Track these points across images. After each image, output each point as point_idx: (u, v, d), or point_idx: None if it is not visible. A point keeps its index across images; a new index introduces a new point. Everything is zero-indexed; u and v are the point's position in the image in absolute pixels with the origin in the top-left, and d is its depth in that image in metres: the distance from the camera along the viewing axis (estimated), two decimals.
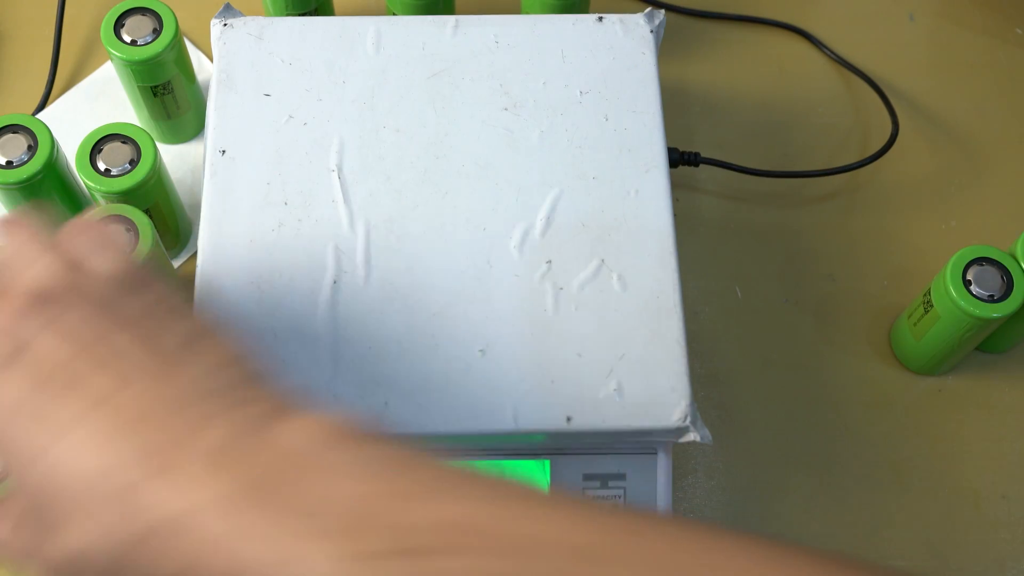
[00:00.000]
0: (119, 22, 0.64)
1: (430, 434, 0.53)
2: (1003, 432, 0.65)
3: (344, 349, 0.54)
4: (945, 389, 0.66)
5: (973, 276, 0.60)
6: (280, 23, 0.61)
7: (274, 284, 0.55)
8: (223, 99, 0.59)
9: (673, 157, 0.66)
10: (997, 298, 0.59)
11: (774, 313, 0.67)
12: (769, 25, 0.77)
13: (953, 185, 0.72)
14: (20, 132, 0.60)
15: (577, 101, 0.60)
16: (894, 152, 0.72)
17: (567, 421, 0.53)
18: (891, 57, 0.76)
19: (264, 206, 0.57)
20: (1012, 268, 0.60)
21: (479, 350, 0.54)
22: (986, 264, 0.60)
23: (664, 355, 0.55)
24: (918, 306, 0.63)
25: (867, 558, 0.62)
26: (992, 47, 0.77)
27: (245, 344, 0.44)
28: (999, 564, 0.62)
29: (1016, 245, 0.61)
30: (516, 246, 0.57)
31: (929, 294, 0.62)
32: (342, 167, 0.58)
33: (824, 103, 0.74)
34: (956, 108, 0.75)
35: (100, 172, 0.60)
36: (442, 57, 0.61)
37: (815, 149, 0.73)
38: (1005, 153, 0.73)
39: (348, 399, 0.53)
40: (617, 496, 0.56)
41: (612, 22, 0.62)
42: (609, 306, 0.55)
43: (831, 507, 0.63)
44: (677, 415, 0.54)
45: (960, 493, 0.63)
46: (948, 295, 0.60)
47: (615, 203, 0.58)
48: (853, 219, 0.70)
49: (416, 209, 0.57)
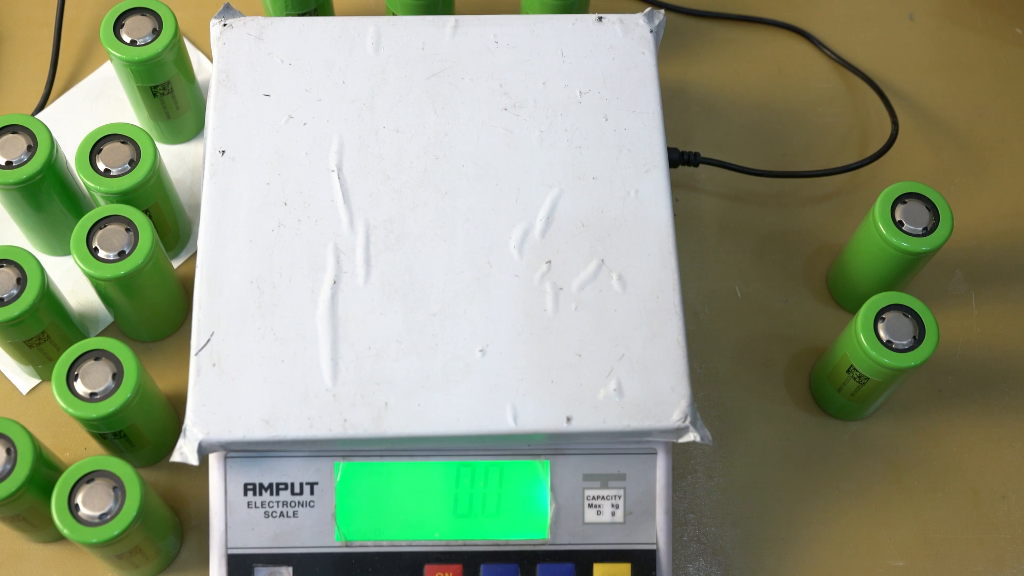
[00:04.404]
0: (119, 22, 0.64)
1: (430, 434, 0.53)
2: (1003, 432, 0.65)
3: (344, 349, 0.54)
4: (945, 390, 0.66)
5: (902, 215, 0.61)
6: (280, 23, 0.61)
7: (274, 284, 0.55)
8: (223, 99, 0.59)
9: (673, 157, 0.66)
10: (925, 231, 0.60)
11: (774, 313, 0.67)
12: (769, 25, 0.77)
13: (953, 185, 0.72)
14: (20, 132, 0.60)
15: (577, 101, 0.60)
16: (894, 152, 0.72)
17: (567, 421, 0.53)
18: (891, 57, 0.76)
19: (264, 206, 0.57)
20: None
21: (479, 350, 0.54)
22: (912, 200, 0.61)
23: (664, 355, 0.55)
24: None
25: (867, 558, 0.62)
26: (992, 47, 0.77)
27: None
28: (999, 564, 0.62)
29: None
30: (516, 246, 0.57)
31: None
32: (342, 167, 0.58)
33: (824, 103, 0.74)
34: (956, 108, 0.75)
35: (100, 172, 0.60)
36: (442, 57, 0.61)
37: (815, 149, 0.73)
38: (1005, 153, 0.73)
39: (348, 399, 0.53)
40: (617, 496, 0.56)
41: (612, 22, 0.62)
42: (609, 306, 0.55)
43: (831, 507, 0.63)
44: (677, 415, 0.54)
45: (960, 493, 0.63)
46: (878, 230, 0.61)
47: (615, 203, 0.58)
48: (853, 219, 0.70)
49: (416, 209, 0.57)
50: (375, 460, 0.55)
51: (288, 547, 0.55)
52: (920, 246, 0.60)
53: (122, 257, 0.57)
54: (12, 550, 0.60)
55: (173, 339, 0.65)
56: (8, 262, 0.57)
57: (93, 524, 0.52)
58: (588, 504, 0.56)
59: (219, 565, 0.55)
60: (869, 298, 0.59)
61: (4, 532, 0.60)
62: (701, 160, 0.67)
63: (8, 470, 0.52)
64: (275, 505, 0.55)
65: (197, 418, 0.53)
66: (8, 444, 0.53)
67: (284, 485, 0.55)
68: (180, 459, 0.52)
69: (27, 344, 0.59)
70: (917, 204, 0.61)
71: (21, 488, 0.52)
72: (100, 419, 0.54)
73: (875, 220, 0.61)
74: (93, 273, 0.57)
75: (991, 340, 0.67)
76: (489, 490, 0.55)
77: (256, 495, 0.55)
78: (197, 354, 0.54)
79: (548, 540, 0.55)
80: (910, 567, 0.62)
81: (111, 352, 0.55)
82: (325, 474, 0.55)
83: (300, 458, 0.55)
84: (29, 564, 0.60)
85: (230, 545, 0.55)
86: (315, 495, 0.55)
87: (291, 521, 0.55)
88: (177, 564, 0.60)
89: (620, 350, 0.55)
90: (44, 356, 0.61)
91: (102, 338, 0.55)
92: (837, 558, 0.61)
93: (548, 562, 0.55)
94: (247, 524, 0.55)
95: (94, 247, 0.57)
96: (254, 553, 0.55)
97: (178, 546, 0.60)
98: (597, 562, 0.55)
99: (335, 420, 0.53)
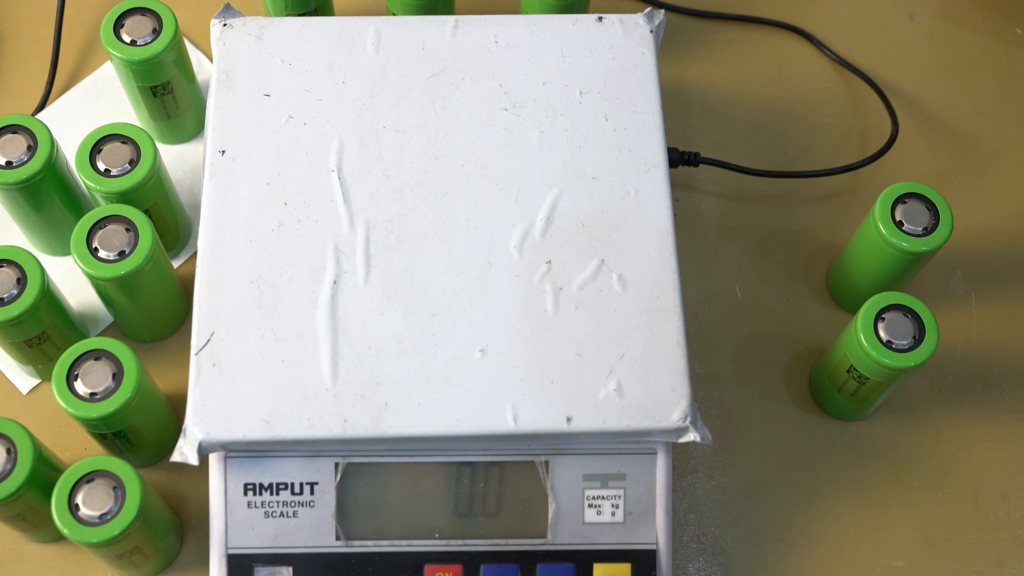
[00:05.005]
0: (119, 22, 0.64)
1: (430, 434, 0.53)
2: (1003, 432, 0.65)
3: (344, 349, 0.54)
4: (945, 389, 0.66)
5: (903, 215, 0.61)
6: (280, 23, 0.61)
7: (274, 284, 0.55)
8: (223, 99, 0.59)
9: (673, 157, 0.66)
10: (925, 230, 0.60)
11: (774, 313, 0.67)
12: (769, 25, 0.77)
13: (953, 185, 0.72)
14: (20, 132, 0.60)
15: (577, 101, 0.60)
16: (894, 152, 0.72)
17: (567, 421, 0.53)
18: (891, 57, 0.76)
19: (264, 206, 0.57)
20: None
21: (479, 350, 0.54)
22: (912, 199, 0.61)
23: (664, 355, 0.55)
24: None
25: (867, 558, 0.62)
26: (992, 47, 0.77)
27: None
28: (999, 564, 0.62)
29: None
30: (516, 246, 0.57)
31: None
32: (342, 167, 0.58)
33: (824, 103, 0.74)
34: (956, 108, 0.75)
35: (100, 172, 0.60)
36: (442, 57, 0.61)
37: (815, 149, 0.73)
38: (1005, 153, 0.73)
39: (348, 399, 0.53)
40: (617, 496, 0.56)
41: (612, 22, 0.62)
42: (609, 306, 0.55)
43: (831, 507, 0.63)
44: (677, 415, 0.54)
45: (960, 493, 0.63)
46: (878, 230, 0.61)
47: (615, 203, 0.58)
48: (853, 219, 0.70)
49: (416, 209, 0.57)
50: (375, 460, 0.55)
51: (288, 547, 0.55)
52: (920, 246, 0.60)
53: (122, 257, 0.57)
54: (12, 550, 0.60)
55: (173, 339, 0.65)
56: (8, 262, 0.57)
57: (93, 524, 0.52)
58: (588, 504, 0.56)
59: (219, 565, 0.55)
60: (869, 298, 0.59)
61: (4, 532, 0.60)
62: (701, 160, 0.67)
63: (8, 470, 0.52)
64: (275, 505, 0.55)
65: (197, 418, 0.53)
66: (8, 444, 0.53)
67: (284, 485, 0.55)
68: (180, 459, 0.52)
69: (27, 344, 0.59)
70: (917, 204, 0.61)
71: (21, 488, 0.52)
72: (100, 419, 0.54)
73: (875, 220, 0.61)
74: (93, 273, 0.57)
75: (991, 340, 0.67)
76: (489, 490, 0.55)
77: (256, 495, 0.55)
78: (197, 354, 0.54)
79: (548, 540, 0.55)
80: (910, 567, 0.62)
81: (111, 352, 0.55)
82: (325, 474, 0.55)
83: (300, 458, 0.55)
84: (29, 564, 0.60)
85: (230, 545, 0.55)
86: (315, 495, 0.55)
87: (291, 521, 0.55)
88: (177, 564, 0.60)
89: (620, 350, 0.55)
90: (44, 356, 0.61)
91: (102, 338, 0.55)
92: (837, 558, 0.61)
93: (548, 562, 0.55)
94: (247, 524, 0.55)
95: (94, 247, 0.57)
96: (254, 553, 0.55)
97: (178, 546, 0.60)
98: (597, 562, 0.55)
99: (335, 420, 0.53)
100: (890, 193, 0.61)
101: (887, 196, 0.61)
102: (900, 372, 0.58)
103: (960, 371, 0.66)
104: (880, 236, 0.61)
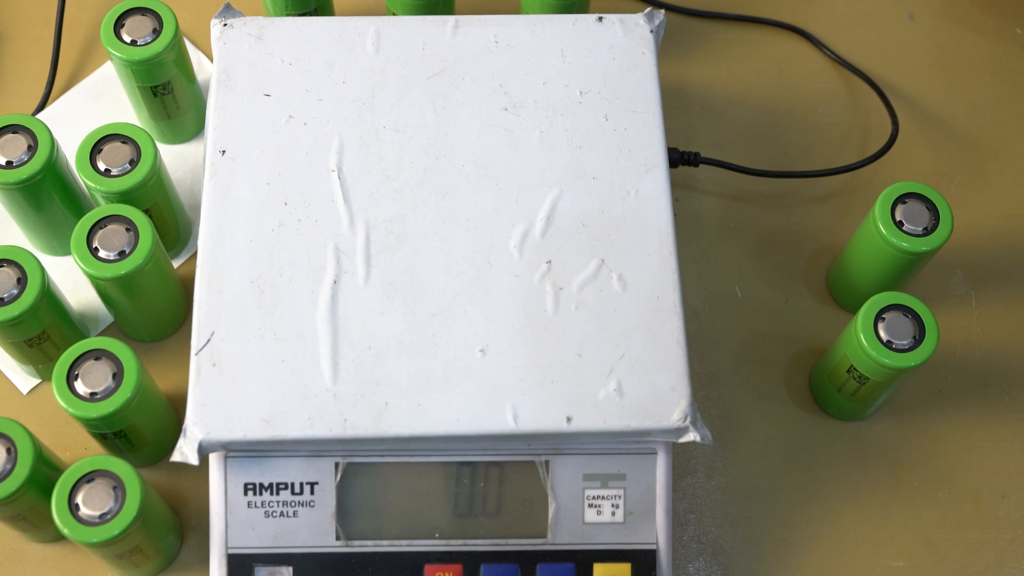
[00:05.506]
0: (119, 22, 0.64)
1: (430, 434, 0.53)
2: (1003, 432, 0.65)
3: (344, 349, 0.54)
4: (945, 389, 0.66)
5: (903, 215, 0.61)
6: (280, 23, 0.61)
7: (274, 284, 0.55)
8: (223, 99, 0.59)
9: (673, 157, 0.66)
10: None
11: (774, 313, 0.67)
12: (769, 25, 0.77)
13: (953, 185, 0.72)
14: (20, 132, 0.60)
15: (577, 101, 0.60)
16: (894, 152, 0.72)
17: (567, 421, 0.53)
18: (891, 57, 0.76)
19: (264, 206, 0.57)
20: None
21: (479, 350, 0.54)
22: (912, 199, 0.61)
23: (664, 355, 0.55)
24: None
25: (867, 558, 0.62)
26: (992, 47, 0.77)
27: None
28: (999, 564, 0.62)
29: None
30: (516, 246, 0.57)
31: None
32: (342, 167, 0.58)
33: (824, 103, 0.74)
34: (956, 108, 0.75)
35: (100, 172, 0.60)
36: (442, 57, 0.61)
37: (815, 149, 0.73)
38: (1005, 153, 0.73)
39: (348, 399, 0.53)
40: (617, 496, 0.56)
41: (612, 22, 0.62)
42: (609, 306, 0.55)
43: (831, 507, 0.63)
44: (677, 415, 0.54)
45: (960, 493, 0.63)
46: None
47: (615, 203, 0.58)
48: (853, 219, 0.70)
49: (416, 209, 0.57)
50: (375, 460, 0.55)
51: (288, 547, 0.55)
52: (920, 246, 0.60)
53: (122, 257, 0.57)
54: (12, 550, 0.60)
55: (173, 339, 0.65)
56: (8, 262, 0.57)
57: (93, 524, 0.52)
58: (588, 504, 0.56)
59: (219, 565, 0.55)
60: (869, 298, 0.59)
61: (4, 532, 0.60)
62: (701, 160, 0.67)
63: (8, 470, 0.52)
64: (275, 505, 0.55)
65: (197, 418, 0.53)
66: (8, 444, 0.53)
67: (284, 485, 0.55)
68: (180, 459, 0.52)
69: (27, 344, 0.59)
70: (917, 204, 0.61)
71: (21, 488, 0.52)
72: (100, 419, 0.54)
73: (875, 220, 0.61)
74: (93, 273, 0.57)
75: (991, 340, 0.67)
76: (489, 490, 0.55)
77: (256, 495, 0.55)
78: (197, 354, 0.54)
79: (548, 540, 0.55)
80: (910, 567, 0.62)
81: (111, 352, 0.55)
82: (325, 474, 0.55)
83: (300, 458, 0.55)
84: (29, 564, 0.60)
85: (230, 545, 0.55)
86: (315, 495, 0.55)
87: (291, 521, 0.55)
88: (177, 564, 0.60)
89: (620, 350, 0.55)
90: (44, 356, 0.61)
91: (102, 338, 0.55)
92: (837, 558, 0.62)
93: (548, 562, 0.55)
94: (247, 524, 0.55)
95: (94, 247, 0.57)
96: (254, 553, 0.55)
97: (178, 546, 0.60)
98: (597, 562, 0.55)
99: (335, 420, 0.53)
100: (890, 193, 0.61)
101: (887, 196, 0.61)
102: (900, 372, 0.58)
103: (960, 371, 0.66)
104: (880, 236, 0.61)
